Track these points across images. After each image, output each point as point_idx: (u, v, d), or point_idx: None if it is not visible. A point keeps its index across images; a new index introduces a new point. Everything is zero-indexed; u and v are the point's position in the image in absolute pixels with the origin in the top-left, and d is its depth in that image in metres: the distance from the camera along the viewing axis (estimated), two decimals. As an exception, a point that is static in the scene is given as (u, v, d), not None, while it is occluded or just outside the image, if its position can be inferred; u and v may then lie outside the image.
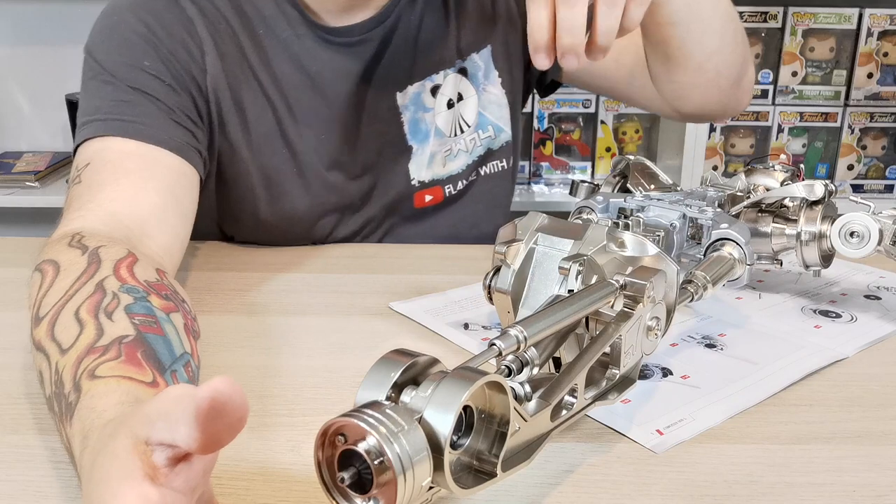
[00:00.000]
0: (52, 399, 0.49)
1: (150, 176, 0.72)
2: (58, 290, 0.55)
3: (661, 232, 0.67)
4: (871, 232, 0.66)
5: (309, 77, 0.87)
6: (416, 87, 0.93)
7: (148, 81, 0.77)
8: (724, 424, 0.54)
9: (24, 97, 2.04)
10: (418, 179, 0.95)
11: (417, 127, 0.94)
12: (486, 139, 0.98)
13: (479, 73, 0.96)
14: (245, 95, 0.84)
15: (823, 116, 1.87)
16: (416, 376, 0.38)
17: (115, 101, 0.76)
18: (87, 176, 0.72)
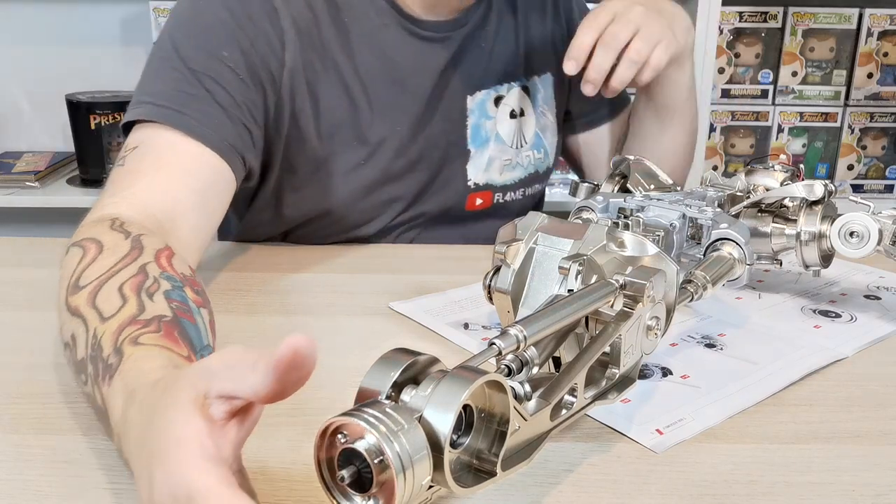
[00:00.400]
0: (85, 361, 0.50)
1: (188, 173, 0.73)
2: (101, 265, 0.57)
3: (661, 232, 0.67)
4: (870, 232, 0.66)
5: (392, 67, 0.88)
6: (483, 94, 0.96)
7: (221, 72, 0.77)
8: (724, 424, 0.54)
9: (24, 97, 2.04)
10: (474, 181, 0.97)
11: (478, 132, 0.96)
12: (538, 161, 1.02)
13: (539, 95, 1.01)
14: (322, 86, 0.85)
15: (823, 116, 1.87)
16: (416, 375, 0.38)
17: (179, 90, 0.76)
18: (131, 161, 0.73)
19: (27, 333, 0.67)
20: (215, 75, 0.77)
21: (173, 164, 0.73)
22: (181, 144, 0.74)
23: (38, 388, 0.57)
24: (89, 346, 0.50)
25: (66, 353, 0.54)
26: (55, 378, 0.59)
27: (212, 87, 0.77)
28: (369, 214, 0.92)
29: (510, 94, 0.98)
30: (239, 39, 0.79)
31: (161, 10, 1.79)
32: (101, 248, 0.59)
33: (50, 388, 0.57)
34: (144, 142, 0.74)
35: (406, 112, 0.90)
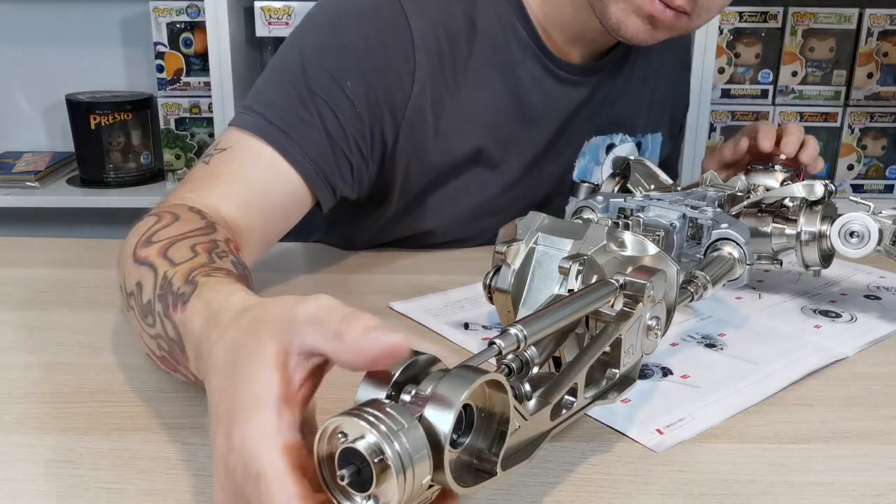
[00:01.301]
0: (152, 302, 0.52)
1: (265, 192, 0.73)
2: (176, 229, 0.59)
3: (661, 232, 0.67)
4: (870, 232, 0.66)
5: (523, 104, 0.87)
6: (599, 140, 0.95)
7: (340, 101, 0.76)
8: (724, 424, 0.54)
9: (24, 97, 2.04)
10: None
11: (585, 175, 0.95)
12: None
13: (647, 152, 1.01)
14: (447, 116, 0.82)
15: (823, 116, 1.87)
16: (417, 375, 0.38)
17: (292, 112, 0.75)
18: (216, 162, 0.73)
19: (27, 333, 0.67)
20: (333, 104, 0.75)
21: (254, 180, 0.72)
22: (269, 161, 0.73)
23: (37, 388, 0.57)
24: (158, 287, 0.52)
25: (129, 302, 0.56)
26: (55, 378, 0.59)
27: (326, 113, 0.75)
28: (461, 236, 0.92)
29: (622, 145, 0.98)
30: (366, 71, 0.77)
31: (161, 10, 1.79)
32: (176, 218, 0.61)
33: (50, 388, 0.57)
34: (234, 147, 0.73)
35: (527, 149, 0.89)
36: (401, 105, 0.79)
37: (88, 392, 0.57)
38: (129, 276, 0.56)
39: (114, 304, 0.72)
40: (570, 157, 0.93)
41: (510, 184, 0.90)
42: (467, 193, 0.88)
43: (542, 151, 0.90)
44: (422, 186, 0.86)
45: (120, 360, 0.62)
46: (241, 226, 0.70)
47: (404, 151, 0.81)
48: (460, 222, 0.90)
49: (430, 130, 0.82)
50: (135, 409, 0.55)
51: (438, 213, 0.88)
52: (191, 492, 0.46)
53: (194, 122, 1.85)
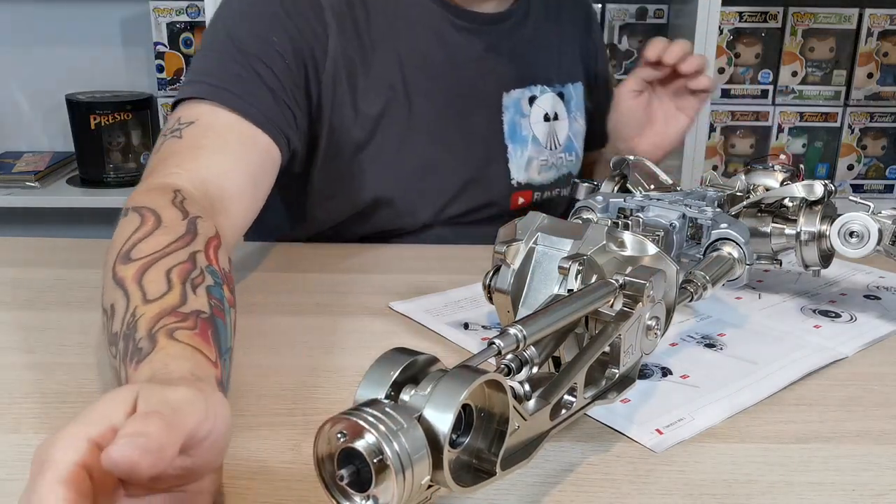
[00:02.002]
0: (117, 336, 0.51)
1: (245, 159, 0.77)
2: (155, 242, 0.58)
3: (661, 232, 0.67)
4: (870, 232, 0.66)
5: (431, 58, 0.92)
6: (518, 93, 0.99)
7: (273, 57, 0.82)
8: (724, 424, 0.54)
9: (24, 97, 2.04)
10: (517, 180, 1.00)
11: (515, 130, 0.99)
12: (570, 163, 1.05)
13: (572, 101, 1.05)
14: (361, 74, 0.88)
15: (823, 116, 1.87)
16: (416, 375, 0.38)
17: (230, 73, 0.80)
18: (190, 134, 0.75)
19: (27, 333, 0.67)
20: (266, 59, 0.81)
21: (232, 144, 0.76)
22: (238, 126, 0.77)
23: (38, 388, 0.57)
24: (125, 324, 0.52)
25: (102, 318, 0.56)
26: (55, 378, 0.59)
27: (262, 70, 0.81)
28: (413, 205, 0.94)
29: (543, 96, 1.01)
30: (287, 28, 0.83)
31: (161, 10, 1.80)
32: (158, 223, 0.61)
33: (50, 388, 0.57)
34: (202, 118, 0.76)
35: (440, 100, 0.93)
36: (321, 60, 0.85)
37: (88, 392, 0.57)
38: (107, 291, 0.56)
39: (114, 304, 0.72)
40: (493, 110, 0.97)
41: (436, 136, 0.93)
42: (395, 153, 0.91)
43: (459, 103, 0.94)
44: (348, 146, 0.89)
45: (120, 360, 0.62)
46: (233, 193, 0.73)
47: (326, 110, 0.87)
48: (401, 185, 0.93)
49: (345, 88, 0.87)
50: (134, 409, 0.55)
51: (375, 178, 0.91)
52: (190, 492, 0.46)
53: (194, 122, 1.85)
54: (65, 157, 1.97)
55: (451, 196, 0.96)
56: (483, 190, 0.98)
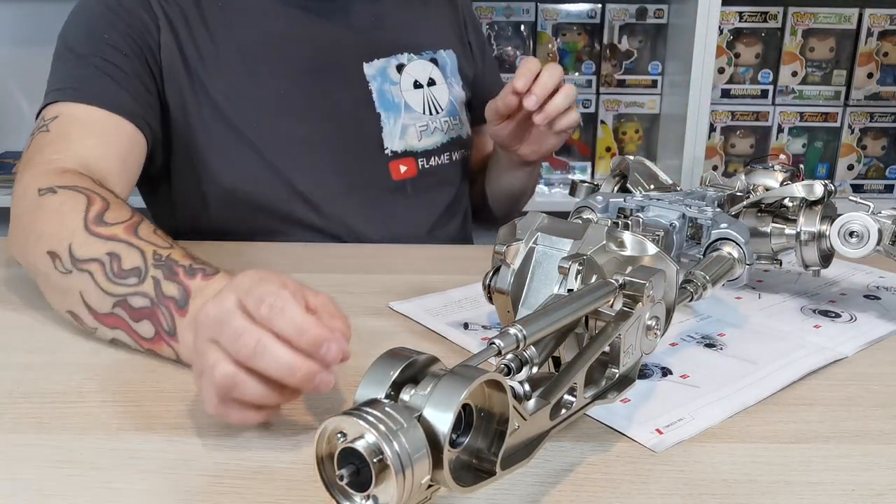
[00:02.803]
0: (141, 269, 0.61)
1: (112, 142, 0.83)
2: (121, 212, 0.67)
3: (661, 232, 0.67)
4: (870, 232, 0.66)
5: (270, 39, 0.93)
6: (382, 63, 1.00)
7: (108, 51, 0.86)
8: (724, 424, 0.54)
9: (24, 97, 2.04)
10: (391, 149, 0.99)
11: (384, 97, 0.99)
12: (456, 126, 1.06)
13: (447, 67, 1.06)
14: (199, 66, 0.90)
15: (823, 116, 1.87)
16: (416, 375, 0.38)
17: (76, 75, 0.85)
18: (56, 127, 0.81)
19: (26, 333, 0.67)
20: (104, 55, 0.86)
21: (96, 132, 0.82)
22: (98, 117, 0.83)
23: (38, 388, 0.57)
24: (152, 256, 0.62)
25: (78, 266, 0.63)
26: (54, 377, 0.59)
27: (101, 64, 0.85)
28: (285, 184, 0.94)
29: (412, 64, 1.03)
30: (117, 25, 0.87)
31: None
32: (107, 202, 0.68)
33: (49, 387, 0.57)
34: (64, 113, 0.83)
35: (289, 79, 0.94)
36: (155, 50, 0.89)
37: (88, 392, 0.57)
38: (89, 245, 0.63)
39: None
40: (357, 80, 0.98)
41: (292, 117, 0.94)
42: (250, 135, 0.92)
43: (312, 80, 0.95)
44: (198, 137, 0.91)
45: (120, 359, 0.62)
46: (110, 173, 0.79)
47: (171, 98, 0.90)
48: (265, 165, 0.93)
49: (183, 76, 0.90)
50: (135, 409, 0.55)
51: (233, 162, 0.92)
52: (191, 492, 0.46)
53: (194, 122, 1.85)
54: (65, 157, 1.97)
55: (330, 172, 0.96)
56: (359, 163, 0.97)
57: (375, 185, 0.98)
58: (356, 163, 0.97)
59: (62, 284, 0.65)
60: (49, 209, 0.68)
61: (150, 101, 0.88)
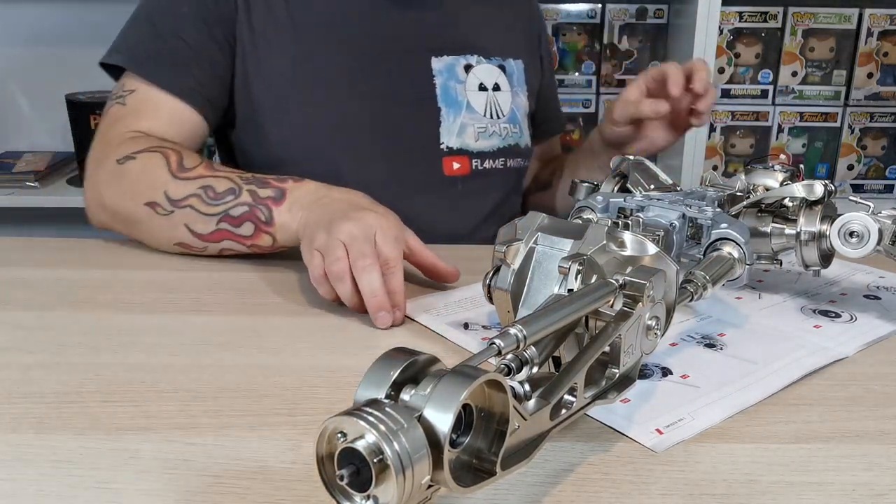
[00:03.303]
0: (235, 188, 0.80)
1: (176, 124, 0.92)
2: (193, 157, 0.84)
3: (661, 232, 0.67)
4: (870, 232, 0.66)
5: (345, 19, 0.97)
6: (451, 60, 1.01)
7: (185, 27, 0.93)
8: (724, 424, 0.54)
9: (24, 97, 2.04)
10: (447, 144, 1.01)
11: (448, 93, 1.01)
12: (515, 134, 1.07)
13: (514, 76, 1.07)
14: (266, 38, 0.94)
15: (823, 116, 1.87)
16: (416, 374, 0.38)
17: (151, 49, 0.93)
18: (131, 102, 0.92)
19: (27, 333, 0.67)
20: (179, 30, 0.92)
21: (164, 115, 0.91)
22: (165, 100, 0.92)
23: (38, 388, 0.57)
24: (241, 180, 0.80)
25: (172, 210, 0.81)
26: (54, 378, 0.59)
27: (176, 44, 0.92)
28: (332, 159, 0.96)
29: (480, 66, 1.04)
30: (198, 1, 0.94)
31: (161, 10, 1.79)
32: (179, 153, 0.84)
33: (49, 387, 0.57)
34: (138, 89, 0.92)
35: (355, 60, 0.97)
36: (230, 25, 0.94)
37: (88, 392, 0.57)
38: (182, 187, 0.81)
39: (114, 305, 0.73)
40: (422, 74, 1.00)
41: (349, 95, 0.97)
42: (307, 107, 0.96)
43: (377, 63, 0.98)
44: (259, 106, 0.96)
45: (120, 360, 0.62)
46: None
47: (237, 67, 0.95)
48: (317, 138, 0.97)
49: (249, 48, 0.95)
50: (135, 409, 0.55)
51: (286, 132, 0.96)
52: (191, 492, 0.46)
53: (194, 122, 1.85)
54: (65, 157, 1.97)
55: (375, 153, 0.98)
56: (412, 153, 0.99)
57: (426, 177, 1.00)
58: (409, 152, 0.99)
59: (166, 224, 0.82)
60: (133, 172, 0.83)
61: (217, 79, 0.94)
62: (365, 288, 0.67)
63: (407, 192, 0.98)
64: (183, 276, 0.80)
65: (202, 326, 0.68)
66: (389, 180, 0.98)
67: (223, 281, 0.79)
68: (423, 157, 1.00)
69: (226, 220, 0.79)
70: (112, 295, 0.75)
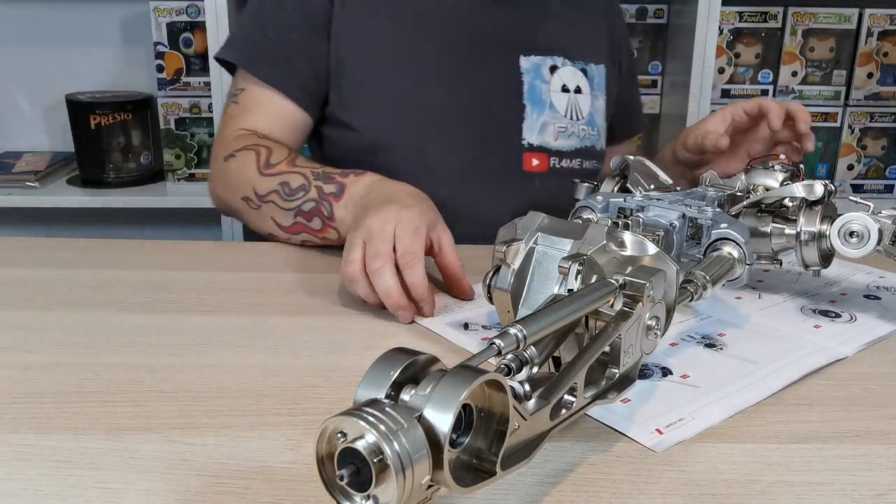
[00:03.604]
0: (306, 185, 0.86)
1: (281, 120, 1.00)
2: (281, 153, 0.91)
3: (661, 231, 0.67)
4: (870, 232, 0.66)
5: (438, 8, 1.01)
6: (538, 59, 1.04)
7: (287, 21, 0.99)
8: (724, 424, 0.54)
9: (24, 97, 2.04)
10: (528, 141, 1.03)
11: (534, 92, 1.03)
12: (592, 137, 1.09)
13: (594, 80, 1.10)
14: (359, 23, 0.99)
15: (823, 116, 1.87)
16: (416, 374, 0.38)
17: (261, 47, 1.00)
18: (243, 101, 1.01)
19: (27, 333, 0.67)
20: (286, 29, 0.99)
21: (270, 113, 0.99)
22: (271, 98, 0.99)
23: (37, 388, 0.57)
24: (311, 175, 0.86)
25: (266, 198, 0.89)
26: (54, 378, 0.59)
27: (283, 42, 0.98)
28: (419, 143, 1.00)
29: (564, 68, 1.06)
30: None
31: (161, 10, 1.79)
32: (269, 149, 0.91)
33: (49, 387, 0.57)
34: (248, 89, 1.00)
35: (446, 50, 1.01)
36: (329, 17, 0.99)
37: (88, 392, 0.57)
38: (265, 183, 0.89)
39: (114, 304, 0.73)
40: (510, 70, 1.03)
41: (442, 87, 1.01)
42: (398, 92, 1.00)
43: (468, 55, 1.01)
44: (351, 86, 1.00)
45: (120, 360, 0.62)
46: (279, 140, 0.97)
47: (334, 58, 0.99)
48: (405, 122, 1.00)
49: (343, 33, 0.99)
50: (135, 409, 0.55)
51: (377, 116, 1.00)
52: (191, 492, 0.46)
53: (194, 122, 1.85)
54: (65, 157, 1.97)
55: (459, 144, 1.00)
56: (492, 143, 1.01)
57: (505, 171, 1.02)
58: (491, 145, 1.02)
59: (258, 216, 0.91)
60: (232, 169, 0.93)
61: (318, 72, 1.00)
62: (380, 290, 0.68)
63: (486, 184, 1.02)
64: (183, 276, 0.80)
65: (202, 326, 0.68)
66: (471, 171, 1.01)
67: (223, 281, 0.79)
68: (505, 152, 1.03)
69: (300, 215, 0.86)
70: (112, 295, 0.75)
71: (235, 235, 1.76)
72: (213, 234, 1.88)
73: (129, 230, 2.04)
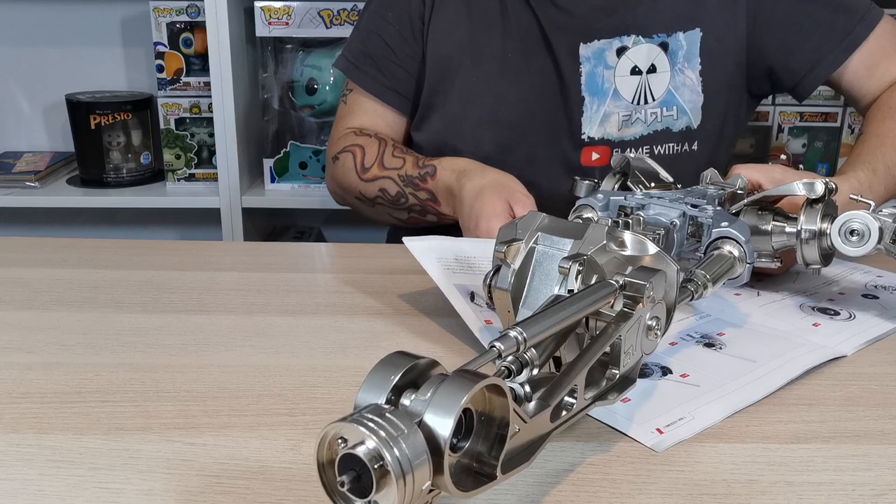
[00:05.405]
0: (401, 192, 1.00)
1: (380, 119, 1.10)
2: (371, 152, 1.03)
3: (662, 230, 0.67)
4: (870, 230, 0.66)
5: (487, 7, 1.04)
6: (602, 44, 0.99)
7: (386, 29, 1.07)
8: (724, 423, 0.54)
9: (24, 97, 2.04)
10: (588, 135, 1.01)
11: (594, 81, 1.00)
12: (667, 118, 1.01)
13: (680, 52, 1.00)
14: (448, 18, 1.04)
15: (823, 116, 1.87)
16: (416, 379, 0.38)
17: (365, 53, 1.09)
18: (350, 102, 1.12)
19: (27, 333, 0.67)
20: (382, 33, 1.07)
21: (370, 115, 1.10)
22: (371, 103, 1.10)
23: (37, 388, 0.57)
24: (402, 181, 0.99)
25: (376, 201, 1.03)
26: (54, 378, 0.59)
27: (382, 51, 1.07)
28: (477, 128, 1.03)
29: (636, 48, 0.99)
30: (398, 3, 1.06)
31: (161, 10, 1.79)
32: (363, 148, 1.03)
33: (49, 387, 0.58)
34: (354, 91, 1.12)
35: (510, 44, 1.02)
36: (424, 22, 1.05)
37: (88, 392, 0.57)
38: (368, 188, 1.02)
39: (114, 305, 0.73)
40: (569, 60, 1.00)
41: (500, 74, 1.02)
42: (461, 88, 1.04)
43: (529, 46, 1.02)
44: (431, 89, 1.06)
45: (120, 360, 0.62)
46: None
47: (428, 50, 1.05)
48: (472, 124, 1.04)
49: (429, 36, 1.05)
50: (135, 409, 0.55)
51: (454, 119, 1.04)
52: (191, 492, 0.46)
53: (194, 122, 1.85)
54: (65, 157, 1.97)
55: (518, 141, 1.01)
56: (550, 140, 1.01)
57: (563, 167, 1.01)
58: (549, 142, 1.02)
59: (375, 213, 1.05)
60: (338, 170, 1.07)
61: (413, 73, 1.07)
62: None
63: (543, 181, 1.00)
64: (183, 276, 0.80)
65: (202, 326, 0.68)
66: (529, 168, 1.00)
67: (223, 281, 0.79)
68: (563, 147, 1.02)
69: (413, 212, 0.98)
70: (112, 295, 0.75)
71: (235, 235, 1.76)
72: (213, 234, 1.88)
73: (129, 230, 2.04)
